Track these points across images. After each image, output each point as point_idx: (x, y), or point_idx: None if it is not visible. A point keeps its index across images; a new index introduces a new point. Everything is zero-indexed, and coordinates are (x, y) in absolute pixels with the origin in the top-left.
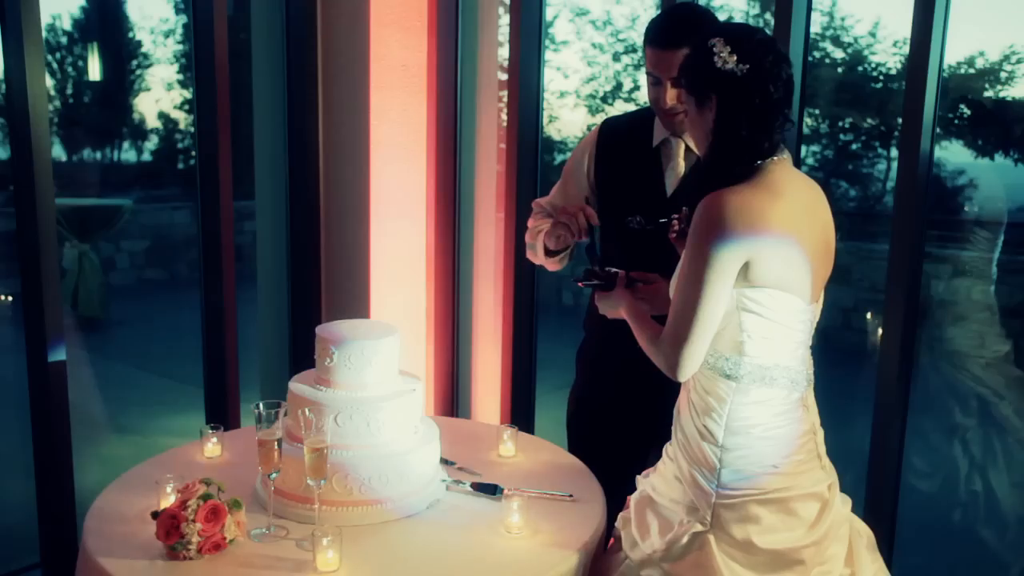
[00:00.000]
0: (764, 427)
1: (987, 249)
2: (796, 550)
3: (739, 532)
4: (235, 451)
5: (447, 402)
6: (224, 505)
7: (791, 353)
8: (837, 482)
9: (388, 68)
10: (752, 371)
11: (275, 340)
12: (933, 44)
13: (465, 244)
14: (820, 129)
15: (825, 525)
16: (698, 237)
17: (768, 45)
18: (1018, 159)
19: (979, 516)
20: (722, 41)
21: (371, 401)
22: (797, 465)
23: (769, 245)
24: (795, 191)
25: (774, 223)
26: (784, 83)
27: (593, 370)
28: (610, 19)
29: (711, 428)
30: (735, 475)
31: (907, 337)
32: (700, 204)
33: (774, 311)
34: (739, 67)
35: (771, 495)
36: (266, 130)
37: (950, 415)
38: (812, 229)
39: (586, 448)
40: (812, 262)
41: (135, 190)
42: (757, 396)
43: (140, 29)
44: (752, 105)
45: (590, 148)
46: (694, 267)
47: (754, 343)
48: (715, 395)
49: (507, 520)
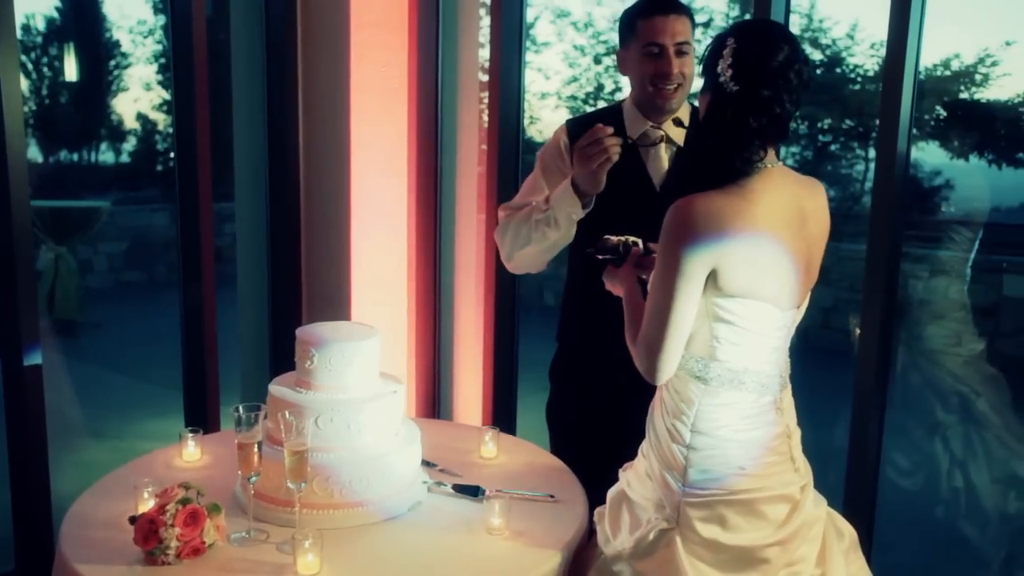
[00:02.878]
0: (732, 429)
1: (964, 249)
2: (760, 548)
3: (705, 531)
4: (215, 455)
5: (429, 404)
6: (203, 509)
7: (764, 358)
8: (811, 484)
9: (368, 69)
10: (722, 374)
11: (255, 342)
12: (909, 46)
13: (446, 245)
14: (799, 130)
15: (793, 526)
16: (667, 242)
17: (772, 75)
18: (992, 160)
19: (961, 512)
20: (732, 50)
21: (352, 403)
22: (766, 467)
23: (737, 251)
24: (776, 199)
25: (744, 229)
26: (773, 118)
27: (568, 383)
28: (591, 21)
29: (679, 428)
30: (702, 475)
31: (884, 336)
32: (670, 209)
33: (746, 319)
34: (730, 84)
35: (738, 496)
36: (246, 131)
37: (931, 413)
38: (795, 236)
39: (568, 446)
40: (793, 269)
41: (113, 192)
42: (726, 399)
43: (118, 29)
44: (724, 122)
45: (562, 144)
46: (664, 273)
47: (725, 348)
48: (685, 396)
49: (489, 521)
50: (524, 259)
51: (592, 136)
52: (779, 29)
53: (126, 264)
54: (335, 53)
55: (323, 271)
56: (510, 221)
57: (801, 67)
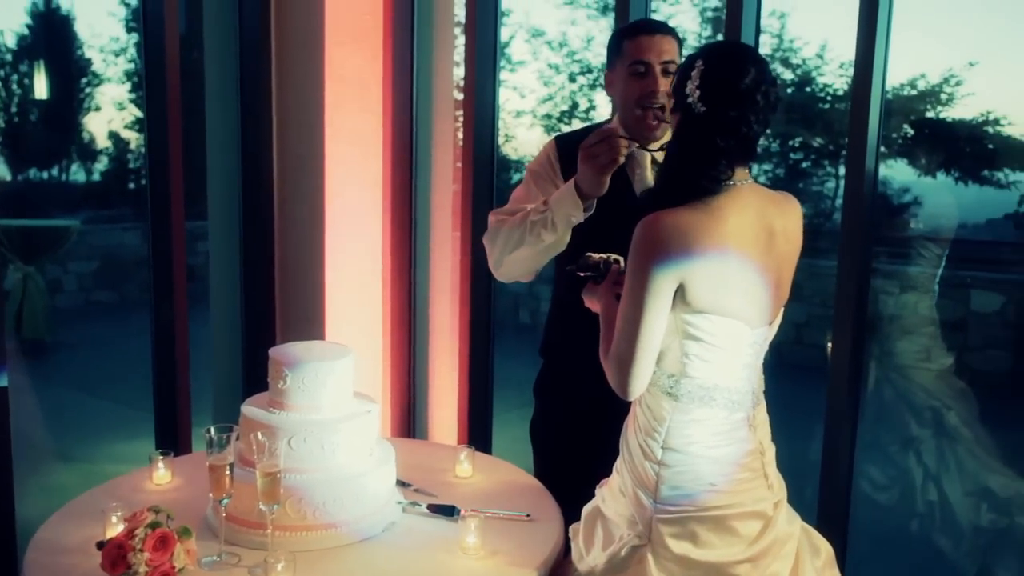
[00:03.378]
0: (703, 445)
1: (933, 264)
2: (731, 565)
3: (677, 547)
4: (185, 477)
5: (404, 423)
6: (173, 533)
7: (735, 375)
8: (785, 500)
9: (343, 87)
10: (692, 391)
11: (228, 363)
12: (876, 66)
13: (421, 263)
14: (771, 148)
15: (765, 542)
16: (635, 258)
17: (739, 97)
18: (959, 178)
19: (935, 525)
20: (700, 71)
21: (326, 423)
22: (738, 484)
23: (703, 267)
24: (744, 217)
25: (710, 245)
26: (739, 139)
27: (553, 400)
28: (566, 40)
29: (651, 445)
30: (673, 491)
31: (856, 351)
32: (638, 225)
33: (716, 336)
34: (698, 105)
35: (710, 513)
36: (219, 149)
37: (904, 427)
38: (763, 254)
39: (553, 463)
40: (762, 287)
41: (84, 210)
42: (697, 415)
43: (90, 47)
44: (692, 141)
45: (552, 159)
46: (633, 288)
47: (695, 365)
48: (656, 413)
49: (464, 541)
50: (513, 265)
51: (601, 135)
52: (748, 51)
53: (96, 284)
54: (309, 71)
55: (297, 290)
56: (502, 226)
57: (769, 88)
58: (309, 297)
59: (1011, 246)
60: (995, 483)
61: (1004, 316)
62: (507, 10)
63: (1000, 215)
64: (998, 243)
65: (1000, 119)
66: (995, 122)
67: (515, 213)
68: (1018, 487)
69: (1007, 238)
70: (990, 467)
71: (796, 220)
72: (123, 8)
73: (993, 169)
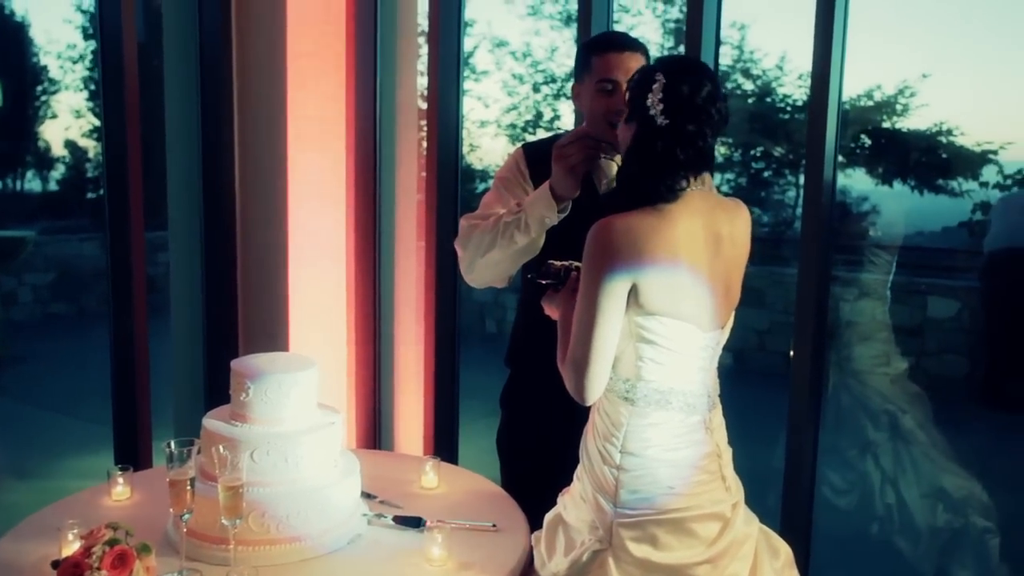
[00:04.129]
0: (661, 448)
1: (884, 271)
2: (691, 566)
3: (637, 551)
4: (146, 493)
5: (369, 434)
6: (132, 550)
7: (689, 378)
8: (742, 502)
9: (306, 98)
10: (648, 395)
11: (189, 375)
12: (832, 77)
13: (386, 273)
14: (733, 157)
15: (724, 544)
16: (588, 261)
17: (698, 111)
18: (914, 187)
19: (895, 528)
20: (662, 84)
21: (289, 436)
22: (696, 486)
23: (655, 269)
24: (692, 222)
25: (660, 248)
26: (696, 151)
27: (520, 409)
28: (529, 51)
29: (609, 450)
30: (632, 495)
31: (817, 356)
32: (590, 230)
33: (668, 339)
34: (660, 118)
35: (668, 515)
36: (179, 158)
37: (861, 431)
38: (712, 259)
39: (520, 473)
40: (712, 291)
41: (40, 221)
42: (654, 419)
43: (46, 54)
44: (653, 152)
45: (521, 165)
46: (587, 291)
47: (650, 368)
48: (614, 419)
49: (430, 552)
50: (485, 269)
51: (575, 135)
52: (704, 67)
53: (53, 296)
54: (272, 81)
55: (260, 301)
56: (474, 229)
57: (720, 104)
58: (272, 308)
59: (965, 253)
60: (950, 484)
61: (960, 321)
62: (471, 20)
63: (955, 223)
64: (953, 250)
65: (952, 129)
66: (948, 132)
67: (487, 217)
68: (971, 487)
69: (961, 245)
70: (945, 468)
71: (744, 225)
72: (80, 15)
73: (947, 178)
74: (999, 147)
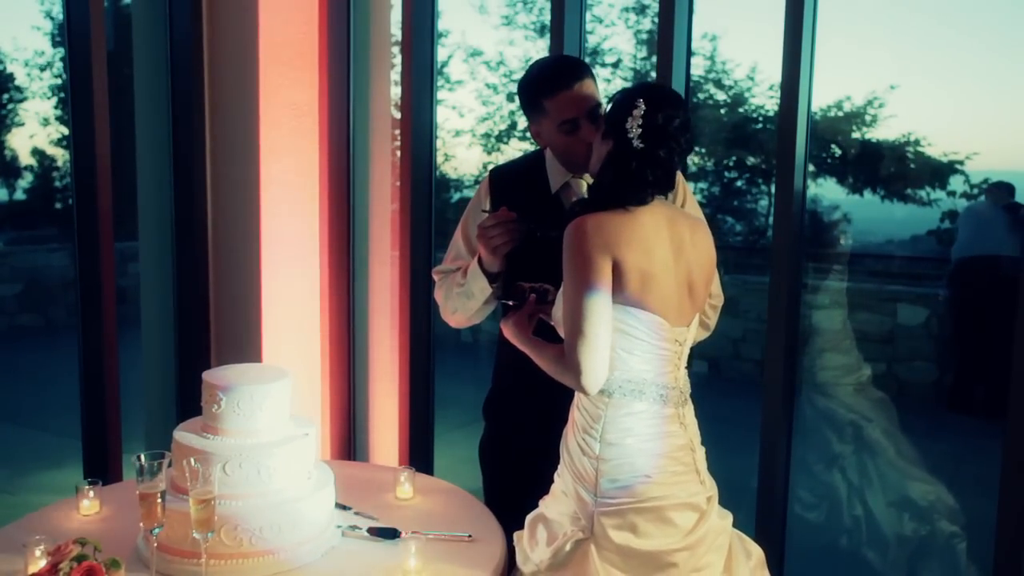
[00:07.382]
0: (638, 438)
1: (840, 278)
2: (668, 553)
3: (618, 538)
4: (115, 507)
5: (344, 445)
6: (101, 566)
7: (660, 369)
8: (716, 496)
9: (278, 107)
10: (623, 385)
11: (160, 387)
12: (801, 89)
13: (360, 283)
14: (707, 167)
15: (700, 533)
16: (569, 250)
17: (669, 139)
18: (884, 196)
19: (863, 539)
20: (641, 112)
21: (262, 448)
22: (671, 476)
23: (629, 250)
24: (658, 223)
25: (631, 237)
26: (665, 171)
27: (503, 421)
28: (503, 60)
29: (589, 442)
30: (611, 484)
31: (789, 365)
32: (567, 228)
33: (639, 330)
34: (637, 141)
35: (647, 504)
36: (150, 167)
37: (828, 445)
38: (676, 256)
39: (503, 484)
40: (677, 286)
41: (6, 231)
42: (630, 409)
43: (13, 61)
44: (628, 170)
45: (483, 193)
46: (573, 277)
47: (623, 359)
48: (592, 412)
49: (405, 564)
50: (462, 316)
51: (496, 219)
52: (679, 98)
53: (20, 307)
54: (244, 90)
55: (232, 312)
56: (442, 285)
57: (688, 134)
58: (245, 319)
59: (934, 261)
60: (916, 492)
61: (929, 328)
62: (444, 30)
63: (924, 231)
64: (922, 259)
65: (920, 140)
66: (916, 143)
67: (450, 273)
68: (939, 492)
69: (930, 254)
70: (912, 475)
71: (705, 238)
72: (48, 21)
73: (916, 188)
74: (965, 157)
